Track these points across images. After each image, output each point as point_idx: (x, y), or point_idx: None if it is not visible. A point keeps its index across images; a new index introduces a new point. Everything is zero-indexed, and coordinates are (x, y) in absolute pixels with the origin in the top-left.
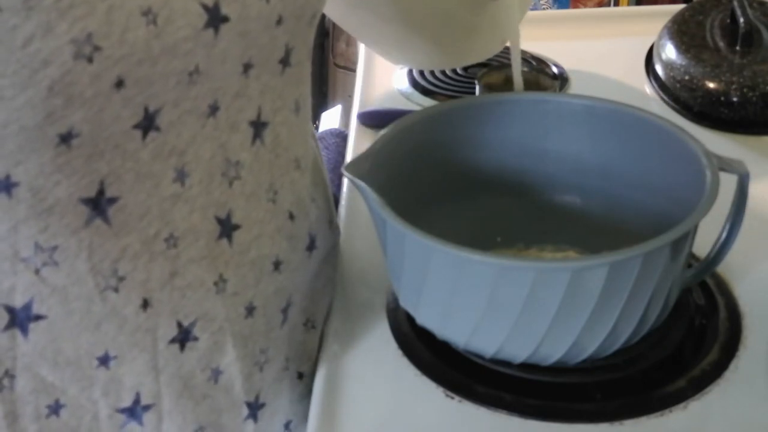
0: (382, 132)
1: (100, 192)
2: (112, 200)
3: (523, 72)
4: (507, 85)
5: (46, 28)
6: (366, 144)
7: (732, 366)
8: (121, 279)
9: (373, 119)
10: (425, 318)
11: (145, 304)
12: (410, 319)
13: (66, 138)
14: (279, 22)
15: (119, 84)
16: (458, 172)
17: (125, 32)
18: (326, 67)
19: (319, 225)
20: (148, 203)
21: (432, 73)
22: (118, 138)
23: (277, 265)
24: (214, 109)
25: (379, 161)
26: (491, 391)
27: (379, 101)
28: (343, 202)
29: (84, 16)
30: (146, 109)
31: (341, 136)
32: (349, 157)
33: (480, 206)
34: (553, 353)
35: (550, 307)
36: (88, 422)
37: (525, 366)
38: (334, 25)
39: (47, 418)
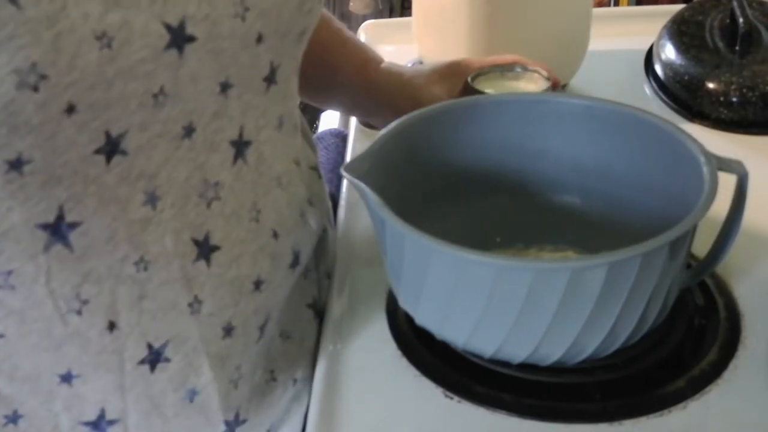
0: (382, 132)
1: (60, 217)
2: (74, 225)
3: (518, 73)
4: (500, 86)
5: None
6: (365, 144)
7: (731, 366)
8: (85, 302)
9: None
10: (424, 318)
11: (112, 326)
12: (410, 320)
13: (15, 165)
14: (259, 40)
15: (70, 109)
16: (458, 172)
17: (75, 58)
18: None
19: (305, 241)
20: (114, 227)
21: None
22: (76, 164)
23: (258, 284)
24: (189, 131)
25: (379, 161)
26: (490, 391)
27: None
28: (342, 202)
29: (27, 45)
30: (108, 134)
31: (341, 136)
32: (348, 157)
33: (479, 206)
34: (552, 353)
35: (549, 308)
36: None
37: (524, 366)
38: None
39: (4, 427)
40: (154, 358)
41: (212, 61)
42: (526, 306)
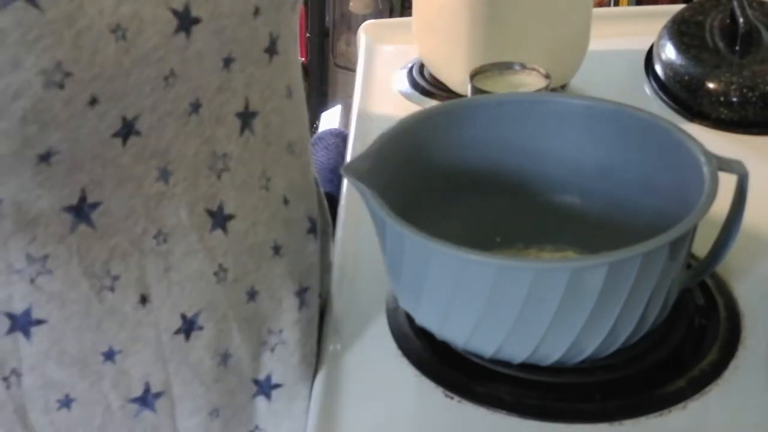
0: (382, 132)
1: (82, 199)
2: (94, 205)
3: (516, 70)
4: (499, 85)
5: (14, 63)
6: (365, 144)
7: (731, 366)
8: (116, 278)
9: None
10: (424, 318)
11: (144, 299)
12: (410, 319)
13: (45, 157)
14: (256, 13)
15: (93, 102)
16: (457, 172)
17: (95, 53)
18: (326, 67)
19: (316, 208)
20: (132, 204)
21: (431, 74)
22: (97, 148)
23: (277, 249)
24: (195, 107)
25: (379, 161)
26: (490, 391)
27: (378, 102)
28: (343, 202)
29: (52, 46)
30: (124, 119)
31: (341, 136)
32: (348, 157)
33: (479, 206)
34: (552, 353)
35: (549, 308)
36: (101, 414)
37: (524, 366)
38: (334, 24)
39: (58, 411)
40: (189, 327)
41: (215, 40)
42: (526, 306)
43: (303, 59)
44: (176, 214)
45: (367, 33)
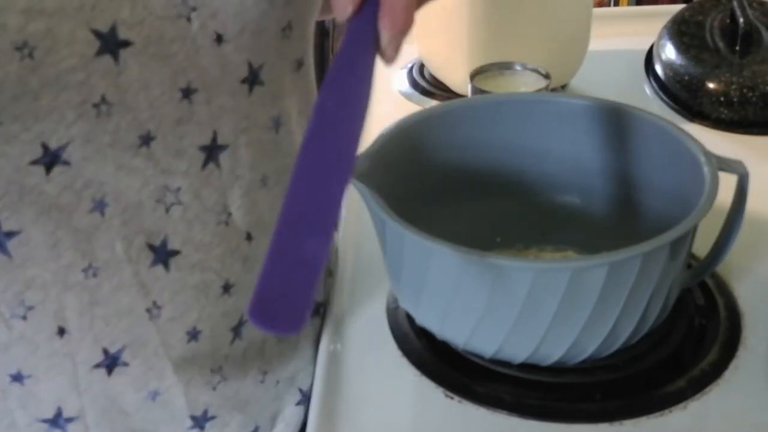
0: (381, 132)
1: None
2: (11, 234)
3: (517, 71)
4: (499, 85)
5: None
6: (365, 144)
7: (732, 366)
8: (30, 308)
9: None
10: (425, 318)
11: (62, 331)
12: (410, 319)
13: None
14: (220, 40)
15: None
16: (458, 172)
17: None
18: (326, 67)
19: None
20: (58, 235)
21: (431, 74)
22: (10, 174)
23: (227, 288)
24: (146, 140)
25: (378, 161)
26: (491, 391)
27: (378, 102)
28: (342, 202)
29: None
30: (45, 146)
31: None
32: None
33: (480, 206)
34: (552, 353)
35: (549, 308)
36: (6, 428)
37: (524, 366)
38: (334, 24)
39: None
40: (111, 363)
41: (161, 67)
42: (526, 306)
43: None
44: (110, 248)
45: None
